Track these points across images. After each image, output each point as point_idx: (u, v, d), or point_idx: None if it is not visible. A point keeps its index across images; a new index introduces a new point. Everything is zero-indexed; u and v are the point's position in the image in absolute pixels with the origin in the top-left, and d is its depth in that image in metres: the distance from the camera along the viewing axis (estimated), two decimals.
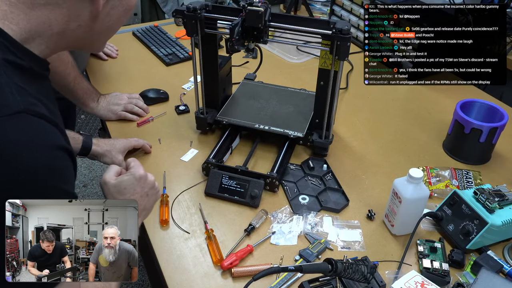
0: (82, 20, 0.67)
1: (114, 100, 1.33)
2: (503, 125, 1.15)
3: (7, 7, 0.60)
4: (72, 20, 0.66)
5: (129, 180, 0.82)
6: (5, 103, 0.56)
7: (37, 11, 0.62)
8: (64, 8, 0.64)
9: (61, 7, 0.63)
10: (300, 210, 1.05)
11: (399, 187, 0.94)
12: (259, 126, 1.22)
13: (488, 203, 0.93)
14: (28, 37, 0.63)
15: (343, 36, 1.00)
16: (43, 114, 0.60)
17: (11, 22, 0.61)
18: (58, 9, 0.63)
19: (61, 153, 0.61)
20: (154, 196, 0.87)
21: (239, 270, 0.89)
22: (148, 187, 0.84)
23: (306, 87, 1.40)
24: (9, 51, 0.60)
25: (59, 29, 0.65)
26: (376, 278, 0.87)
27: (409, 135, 1.33)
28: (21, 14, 0.61)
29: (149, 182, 0.85)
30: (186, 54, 1.70)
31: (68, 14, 0.65)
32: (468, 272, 0.90)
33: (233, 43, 1.03)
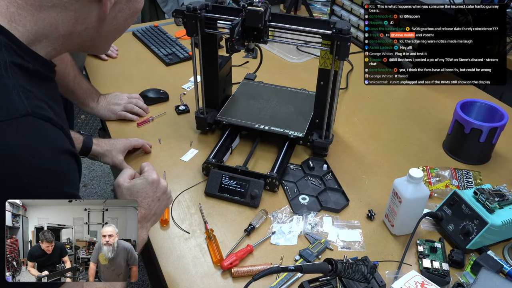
0: (89, 22, 0.67)
1: (114, 100, 1.33)
2: (503, 125, 1.15)
3: (15, 9, 0.60)
4: (79, 22, 0.66)
5: (142, 183, 0.83)
6: (12, 107, 0.56)
7: (44, 13, 0.62)
8: (71, 10, 0.64)
9: (68, 10, 0.64)
10: (300, 210, 1.05)
11: (399, 187, 0.94)
12: (259, 126, 1.22)
13: (488, 203, 0.93)
14: (35, 39, 0.63)
15: (343, 36, 1.00)
16: (49, 117, 0.60)
17: (18, 24, 0.61)
18: (66, 12, 0.63)
19: (66, 156, 0.61)
20: (165, 202, 0.88)
21: (239, 270, 0.89)
22: (160, 192, 0.85)
23: (306, 87, 1.40)
24: (16, 54, 0.60)
25: (65, 31, 0.65)
26: (376, 278, 0.87)
27: (409, 135, 1.33)
28: (28, 16, 0.61)
29: (161, 187, 0.86)
30: (186, 54, 1.70)
31: (75, 17, 0.65)
32: (468, 272, 0.90)
33: (233, 43, 1.03)
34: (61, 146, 0.61)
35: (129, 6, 0.71)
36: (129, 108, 1.33)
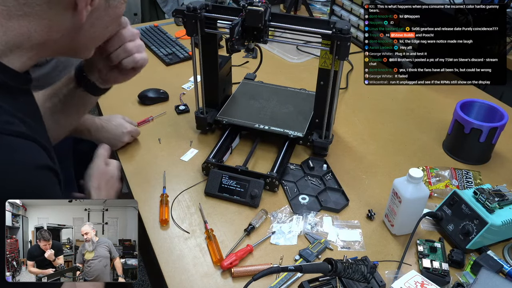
0: (65, 30, 0.64)
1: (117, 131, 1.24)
2: (503, 125, 1.15)
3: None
4: (54, 30, 0.62)
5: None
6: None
7: (14, 22, 0.59)
8: (44, 19, 0.60)
9: (41, 18, 0.60)
10: (300, 210, 1.05)
11: (399, 187, 0.94)
12: (259, 126, 1.22)
13: (488, 203, 0.93)
14: (5, 50, 0.59)
15: (343, 36, 1.00)
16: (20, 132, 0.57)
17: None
18: (38, 20, 0.60)
19: (44, 171, 0.59)
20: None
21: (239, 270, 0.89)
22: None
23: (306, 87, 1.40)
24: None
25: (40, 40, 0.62)
26: (376, 278, 0.87)
27: (409, 135, 1.33)
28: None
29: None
30: (186, 54, 1.70)
31: (49, 25, 0.61)
32: (468, 272, 0.90)
33: (233, 43, 1.03)
34: (37, 161, 0.58)
35: (108, 13, 0.68)
36: (134, 134, 1.27)
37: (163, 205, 1.04)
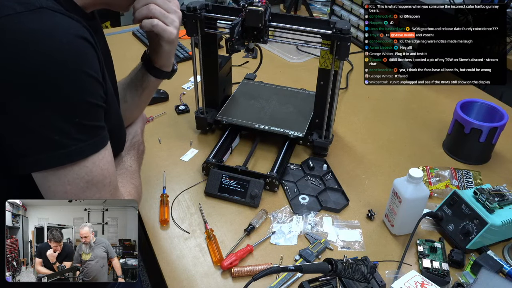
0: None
1: None
2: (503, 125, 1.15)
3: None
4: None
5: None
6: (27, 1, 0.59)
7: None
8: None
9: None
10: (300, 210, 1.05)
11: (399, 187, 0.94)
12: (259, 126, 1.22)
13: (488, 203, 0.93)
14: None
15: (343, 36, 1.00)
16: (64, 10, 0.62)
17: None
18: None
19: (83, 41, 0.62)
20: None
21: (239, 270, 0.89)
22: None
23: (306, 87, 1.40)
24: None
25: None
26: (376, 278, 0.87)
27: (409, 135, 1.33)
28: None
29: None
30: (186, 54, 1.70)
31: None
32: (468, 272, 0.90)
33: (233, 43, 1.03)
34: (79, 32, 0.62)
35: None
36: None
37: (163, 205, 1.04)
